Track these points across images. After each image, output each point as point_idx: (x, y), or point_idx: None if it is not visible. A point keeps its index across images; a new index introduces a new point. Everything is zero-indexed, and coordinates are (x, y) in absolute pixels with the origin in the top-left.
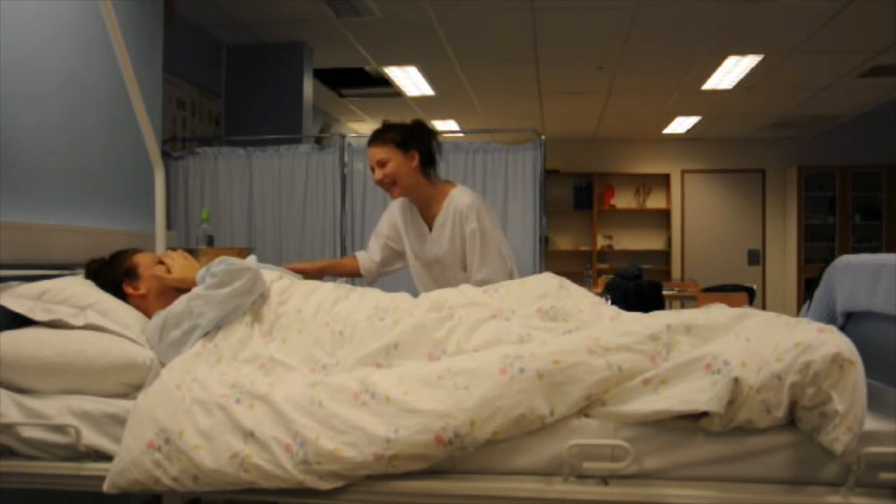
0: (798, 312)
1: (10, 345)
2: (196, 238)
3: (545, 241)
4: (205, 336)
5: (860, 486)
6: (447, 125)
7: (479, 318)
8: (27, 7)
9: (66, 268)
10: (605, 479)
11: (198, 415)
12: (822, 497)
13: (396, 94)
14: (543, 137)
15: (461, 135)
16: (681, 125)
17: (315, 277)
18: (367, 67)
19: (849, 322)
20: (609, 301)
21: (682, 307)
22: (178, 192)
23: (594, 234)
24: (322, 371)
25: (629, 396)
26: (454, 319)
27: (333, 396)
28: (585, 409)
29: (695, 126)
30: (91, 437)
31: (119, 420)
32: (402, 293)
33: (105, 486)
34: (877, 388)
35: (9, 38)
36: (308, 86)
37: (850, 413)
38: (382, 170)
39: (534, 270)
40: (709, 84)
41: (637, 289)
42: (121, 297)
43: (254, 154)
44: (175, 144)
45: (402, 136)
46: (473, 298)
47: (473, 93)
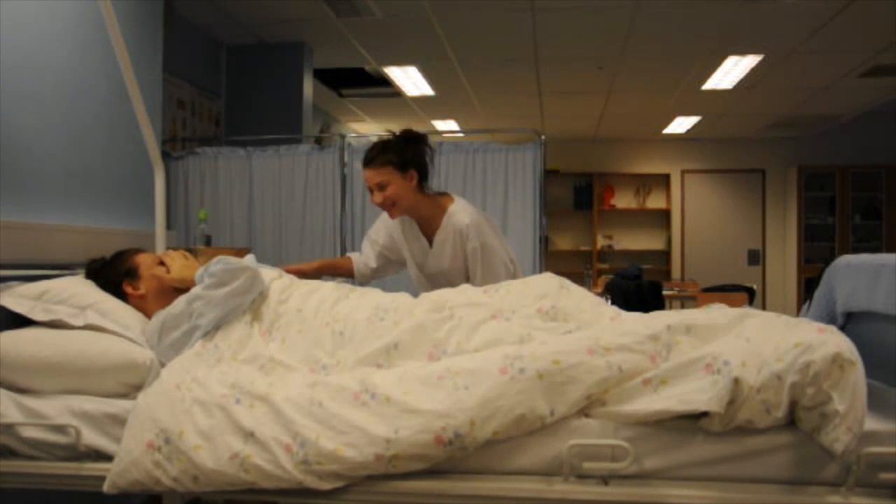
0: (798, 312)
1: (10, 345)
2: (194, 238)
3: (545, 241)
4: (204, 336)
5: (860, 486)
6: (447, 125)
7: (480, 319)
8: (27, 7)
9: (66, 268)
10: (605, 479)
11: (198, 415)
12: (822, 497)
13: (396, 94)
14: (543, 137)
15: (461, 135)
16: (681, 125)
17: (313, 277)
18: (367, 67)
19: (849, 322)
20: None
21: (682, 307)
22: (178, 192)
23: (594, 234)
24: (322, 371)
25: (629, 396)
26: (454, 320)
27: (333, 396)
28: (585, 409)
29: (695, 126)
30: (91, 438)
31: (119, 420)
32: (403, 293)
33: (105, 487)
34: (877, 388)
35: (9, 38)
36: (308, 86)
37: (851, 413)
38: (382, 193)
39: (534, 270)
40: (709, 84)
41: (637, 289)
42: (121, 298)
43: (254, 154)
44: (175, 144)
45: (399, 157)
46: (473, 299)
47: (473, 93)
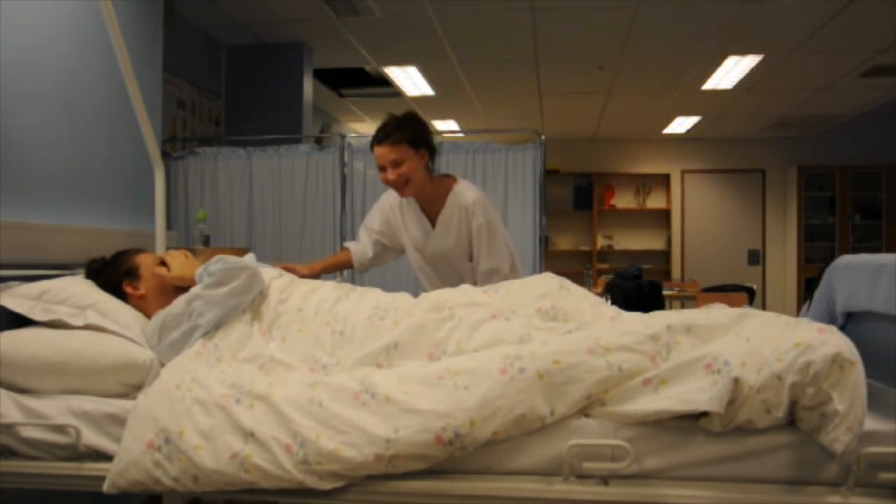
0: (798, 312)
1: (10, 345)
2: (192, 238)
3: (545, 241)
4: (204, 335)
5: (860, 486)
6: (447, 125)
7: (480, 319)
8: (27, 7)
9: (66, 268)
10: (605, 479)
11: (198, 415)
12: (822, 497)
13: (396, 94)
14: (543, 137)
15: (461, 135)
16: (681, 125)
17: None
18: (367, 67)
19: (849, 322)
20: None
21: (682, 307)
22: (178, 192)
23: (594, 234)
24: (322, 371)
25: (629, 396)
26: (454, 319)
27: (333, 396)
28: (585, 409)
29: (695, 126)
30: (91, 437)
31: (119, 420)
32: (403, 293)
33: (105, 487)
34: (877, 388)
35: (9, 38)
36: (308, 86)
37: (850, 413)
38: (397, 170)
39: (534, 270)
40: (709, 84)
41: (637, 289)
42: (121, 298)
43: (254, 154)
44: (175, 144)
45: (413, 134)
46: (474, 298)
47: (473, 93)
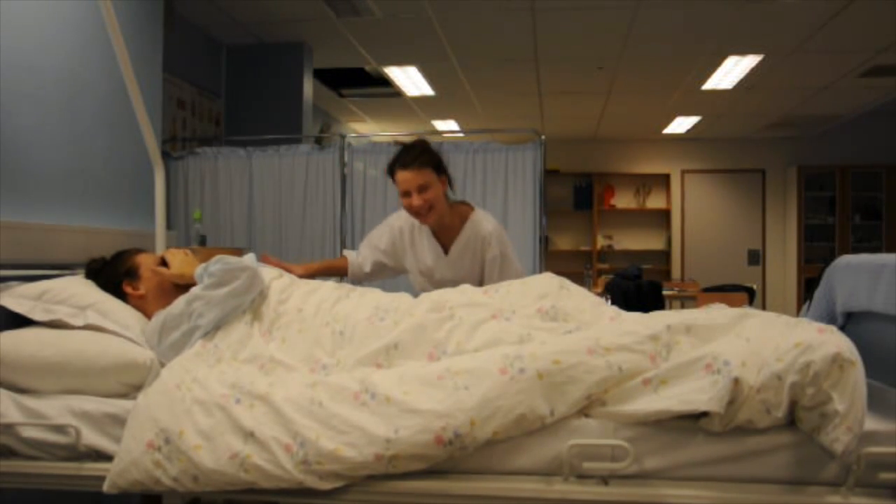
0: (798, 312)
1: (10, 345)
2: (189, 238)
3: (545, 241)
4: (204, 336)
5: (860, 486)
6: (447, 125)
7: (480, 319)
8: (27, 7)
9: (66, 268)
10: (605, 479)
11: (198, 415)
12: (822, 497)
13: (396, 94)
14: (543, 137)
15: (461, 135)
16: (681, 125)
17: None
18: (367, 67)
19: (849, 322)
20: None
21: (682, 307)
22: (178, 192)
23: (594, 234)
24: (322, 371)
25: (629, 396)
26: (454, 320)
27: (333, 396)
28: (585, 409)
29: (695, 126)
30: (91, 437)
31: (119, 420)
32: (403, 293)
33: (105, 487)
34: (877, 388)
35: (9, 38)
36: (308, 86)
37: (850, 413)
38: (423, 195)
39: (534, 270)
40: (709, 84)
41: (637, 289)
42: (121, 298)
43: (254, 154)
44: (175, 144)
45: (436, 160)
46: (473, 298)
47: (473, 93)
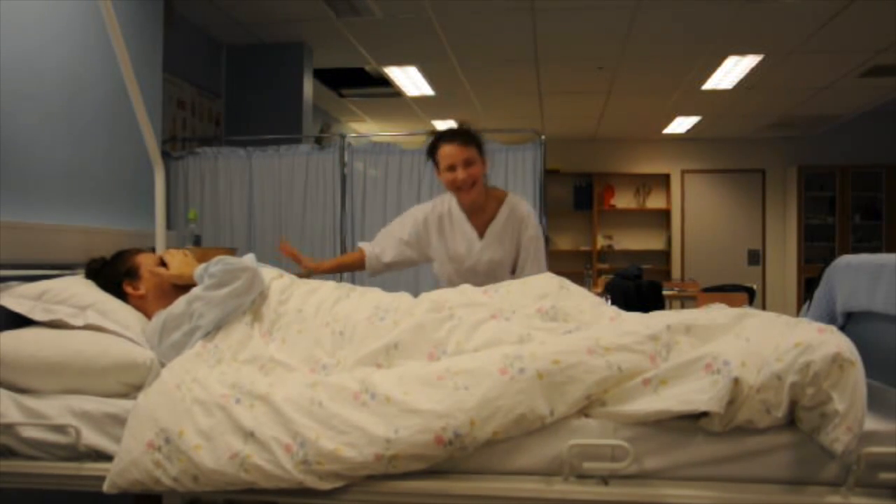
0: (798, 312)
1: (10, 345)
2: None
3: (545, 241)
4: (205, 336)
5: (860, 486)
6: (447, 125)
7: (479, 319)
8: (27, 7)
9: (66, 268)
10: (605, 479)
11: (198, 415)
12: (822, 497)
13: (396, 94)
14: (543, 137)
15: None
16: (681, 125)
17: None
18: (367, 67)
19: (849, 322)
20: (609, 301)
21: (682, 307)
22: (178, 192)
23: (594, 234)
24: (322, 371)
25: (629, 396)
26: (454, 319)
27: (333, 396)
28: (585, 409)
29: (695, 126)
30: (91, 437)
31: (119, 420)
32: (403, 293)
33: (105, 487)
34: (877, 388)
35: (9, 38)
36: (308, 86)
37: (850, 413)
38: (468, 169)
39: None
40: (709, 84)
41: (637, 289)
42: (121, 298)
43: (254, 154)
44: (175, 144)
45: (480, 142)
46: (473, 298)
47: (473, 93)
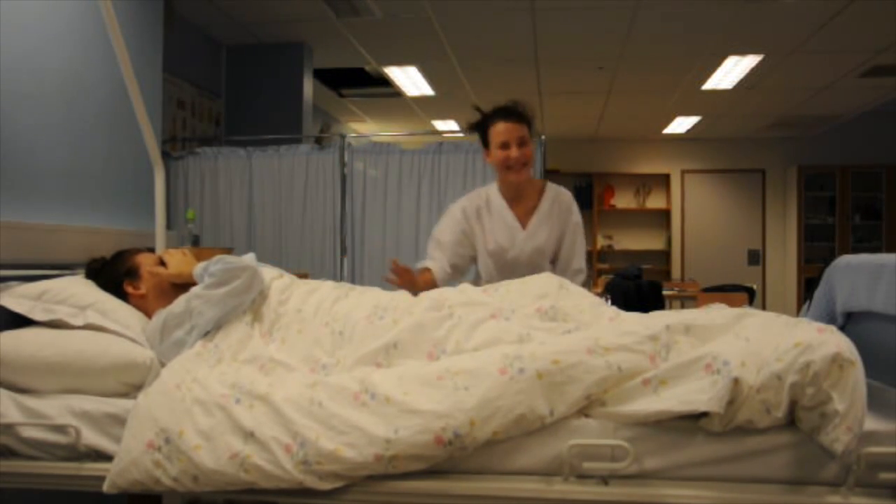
0: (798, 312)
1: (10, 345)
2: (183, 238)
3: None
4: (205, 336)
5: (860, 486)
6: (447, 125)
7: (479, 318)
8: (27, 7)
9: (66, 268)
10: (605, 479)
11: (198, 415)
12: (822, 497)
13: (396, 94)
14: (543, 137)
15: (461, 135)
16: (681, 125)
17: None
18: (367, 67)
19: (849, 322)
20: (609, 301)
21: (682, 307)
22: (178, 192)
23: (594, 234)
24: (322, 371)
25: (629, 396)
26: (453, 319)
27: (333, 396)
28: (585, 410)
29: (695, 126)
30: (91, 437)
31: (119, 420)
32: (402, 291)
33: (105, 487)
34: (877, 388)
35: (9, 38)
36: (308, 86)
37: (850, 413)
38: (522, 148)
39: None
40: (709, 84)
41: (637, 289)
42: (121, 297)
43: (254, 154)
44: (175, 144)
45: (533, 121)
46: (473, 298)
47: (473, 93)
